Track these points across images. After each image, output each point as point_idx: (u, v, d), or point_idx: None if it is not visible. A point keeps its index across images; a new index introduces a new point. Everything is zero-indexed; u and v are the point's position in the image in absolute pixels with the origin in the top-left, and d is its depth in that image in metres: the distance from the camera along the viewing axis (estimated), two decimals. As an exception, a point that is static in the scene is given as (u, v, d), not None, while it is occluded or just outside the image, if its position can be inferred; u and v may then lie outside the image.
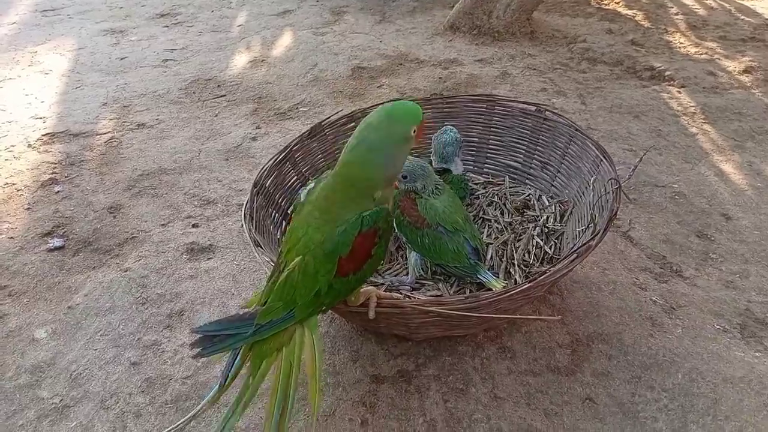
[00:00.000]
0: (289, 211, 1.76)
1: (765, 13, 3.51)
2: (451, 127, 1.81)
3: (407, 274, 1.62)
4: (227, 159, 2.34)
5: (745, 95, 2.68)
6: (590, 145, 1.66)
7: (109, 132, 2.52)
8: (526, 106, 1.91)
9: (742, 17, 3.49)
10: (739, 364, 1.43)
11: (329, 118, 1.91)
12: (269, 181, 1.69)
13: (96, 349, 1.53)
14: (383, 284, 1.60)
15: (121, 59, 3.21)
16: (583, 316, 1.59)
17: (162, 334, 1.57)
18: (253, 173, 2.23)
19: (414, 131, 1.13)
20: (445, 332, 1.44)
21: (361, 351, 1.48)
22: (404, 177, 1.59)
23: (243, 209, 1.53)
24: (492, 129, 1.98)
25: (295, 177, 1.82)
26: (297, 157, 1.83)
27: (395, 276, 1.65)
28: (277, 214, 1.71)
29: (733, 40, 3.21)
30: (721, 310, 1.61)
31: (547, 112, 1.84)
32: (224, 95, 2.84)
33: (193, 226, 1.98)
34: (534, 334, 1.52)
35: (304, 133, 1.85)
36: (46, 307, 1.67)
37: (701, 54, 3.06)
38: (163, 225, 1.98)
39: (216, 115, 2.67)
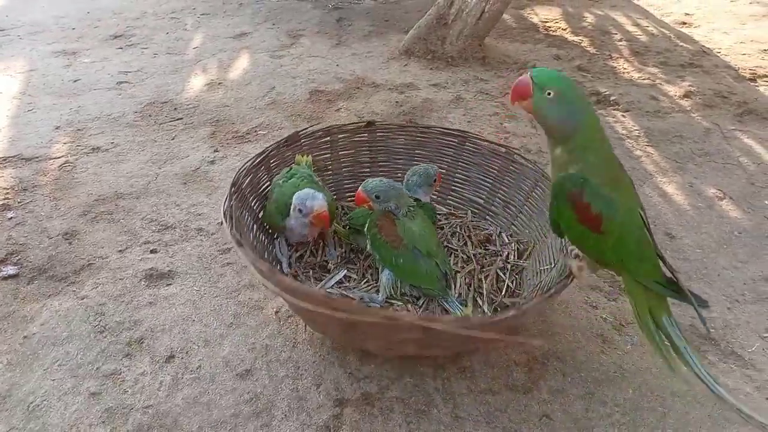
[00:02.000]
0: (260, 216, 1.80)
1: (702, 40, 3.72)
2: (434, 166, 1.88)
3: (378, 292, 1.65)
4: (185, 183, 2.33)
5: (686, 119, 2.83)
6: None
7: (63, 156, 2.48)
8: (496, 146, 1.98)
9: (681, 44, 3.68)
10: (684, 378, 1.51)
11: (306, 129, 1.97)
12: (245, 182, 1.72)
13: (54, 380, 1.50)
14: (354, 299, 1.63)
15: (74, 81, 3.16)
16: (538, 334, 1.65)
17: (121, 363, 1.55)
18: (211, 197, 2.23)
19: None
20: (419, 351, 1.46)
21: (324, 375, 1.50)
22: (377, 197, 1.64)
23: (222, 208, 1.52)
24: (460, 163, 2.05)
25: (268, 182, 1.86)
26: (272, 163, 1.87)
27: (366, 292, 1.68)
28: (249, 217, 1.73)
29: (673, 65, 3.38)
30: (666, 326, 1.69)
31: (516, 156, 1.91)
32: (181, 118, 2.83)
33: (152, 251, 1.97)
34: (492, 353, 1.57)
35: (281, 140, 1.90)
36: (1, 337, 1.63)
37: (644, 79, 3.22)
38: (120, 251, 1.96)
39: (173, 139, 2.66)
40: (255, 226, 1.77)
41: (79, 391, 1.47)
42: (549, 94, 1.23)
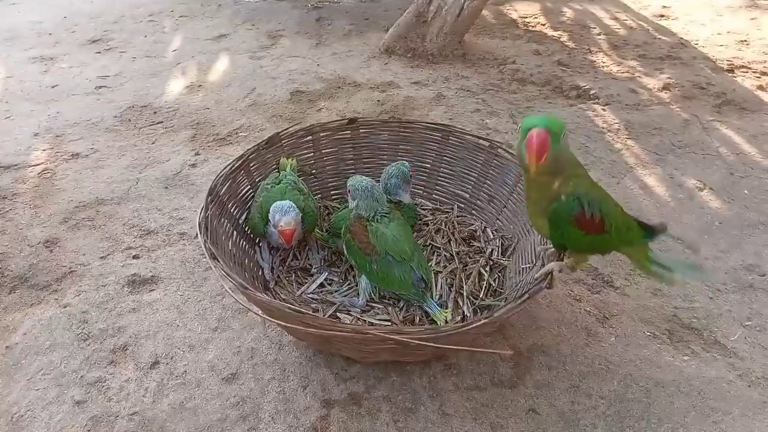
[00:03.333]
0: (241, 221, 1.78)
1: (680, 32, 3.75)
2: (405, 162, 1.86)
3: (358, 295, 1.65)
4: (167, 187, 2.31)
5: (665, 111, 2.85)
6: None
7: (42, 163, 2.45)
8: (479, 140, 1.98)
9: (659, 36, 3.71)
10: (669, 369, 1.53)
11: (287, 129, 1.95)
12: (223, 189, 1.70)
13: (38, 389, 1.49)
14: (334, 304, 1.63)
15: (52, 87, 3.12)
16: (523, 329, 1.66)
17: (106, 371, 1.54)
18: (194, 201, 2.22)
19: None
20: (396, 358, 1.47)
21: (310, 376, 1.50)
22: (349, 192, 1.64)
23: (197, 218, 1.51)
24: (444, 158, 2.04)
25: (248, 186, 1.84)
26: (252, 167, 1.85)
27: (346, 297, 1.67)
28: (228, 224, 1.71)
29: (652, 58, 3.41)
30: (650, 318, 1.71)
31: (499, 150, 1.90)
32: (161, 122, 2.81)
33: (134, 257, 1.95)
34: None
35: (261, 142, 1.88)
36: (-19, 349, 1.62)
37: (623, 72, 3.24)
38: (102, 258, 1.95)
39: (153, 143, 2.64)
40: (235, 233, 1.75)
41: (64, 400, 1.46)
42: (564, 140, 1.22)
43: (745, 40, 3.62)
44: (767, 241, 2.02)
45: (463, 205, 2.04)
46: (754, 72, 3.23)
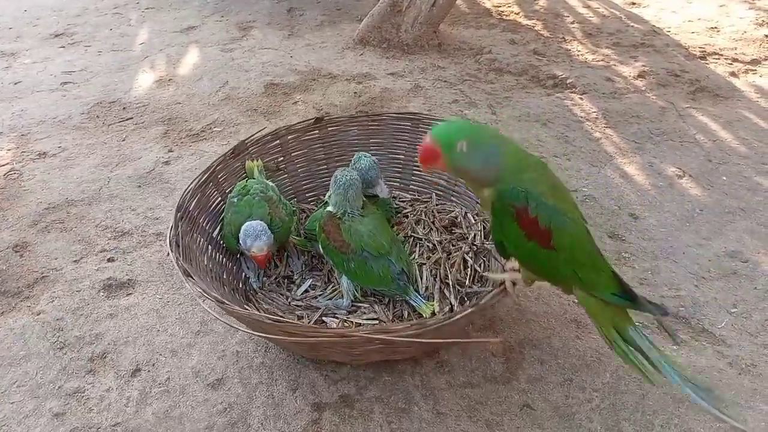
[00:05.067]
0: (215, 235, 1.71)
1: (652, 20, 3.77)
2: (365, 154, 1.80)
3: (342, 297, 1.60)
4: (140, 186, 2.24)
5: (641, 99, 2.86)
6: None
7: (7, 163, 2.35)
8: None
9: (632, 24, 3.73)
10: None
11: (253, 136, 1.88)
12: (192, 203, 1.63)
13: (13, 402, 1.42)
14: (319, 309, 1.58)
15: (15, 84, 3.00)
16: (512, 323, 1.64)
17: (85, 380, 1.48)
18: (168, 199, 2.15)
19: None
20: (386, 357, 1.44)
21: (299, 379, 1.46)
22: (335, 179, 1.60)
23: (167, 236, 1.46)
24: (417, 146, 1.99)
25: (219, 198, 1.78)
26: (220, 178, 1.78)
27: (330, 300, 1.63)
28: (202, 239, 1.65)
29: (626, 46, 3.42)
30: (638, 307, 1.70)
31: None
32: (131, 118, 2.72)
33: (109, 260, 1.88)
34: (469, 344, 1.55)
35: (227, 152, 1.81)
36: (-50, 361, 1.54)
37: (598, 61, 3.24)
38: (75, 261, 1.87)
39: (123, 140, 2.55)
40: (210, 247, 1.68)
41: (42, 413, 1.40)
42: (460, 148, 1.16)
43: (716, 27, 3.65)
44: (747, 228, 2.03)
45: (441, 193, 2.01)
46: (726, 59, 3.26)
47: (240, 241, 1.58)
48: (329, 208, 1.59)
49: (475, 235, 1.81)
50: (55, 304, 1.71)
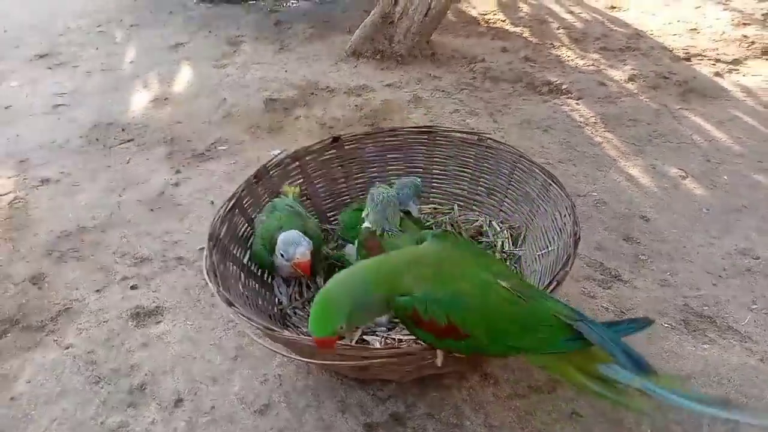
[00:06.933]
0: (246, 261, 1.70)
1: (634, 23, 3.86)
2: (415, 177, 1.86)
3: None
4: (152, 209, 2.21)
5: (635, 102, 2.93)
6: (536, 170, 1.75)
7: (10, 192, 2.30)
8: (466, 135, 1.98)
9: (616, 28, 3.81)
10: (694, 359, 1.56)
11: (272, 160, 1.88)
12: (222, 231, 1.63)
13: (56, 443, 1.39)
14: (359, 328, 1.59)
15: (6, 108, 2.93)
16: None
17: (127, 414, 1.46)
18: (184, 222, 2.13)
19: None
20: (438, 370, 1.44)
21: (347, 400, 1.46)
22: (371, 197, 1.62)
23: (204, 266, 1.45)
24: (435, 159, 2.03)
25: (246, 225, 1.77)
26: (245, 203, 1.78)
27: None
28: (234, 266, 1.64)
29: (613, 50, 3.50)
30: (664, 309, 1.75)
31: (488, 140, 1.90)
32: (132, 140, 2.68)
33: (132, 288, 1.85)
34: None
35: (250, 177, 1.81)
36: (-17, 402, 1.50)
37: (588, 66, 3.31)
38: (97, 291, 1.84)
39: (127, 162, 2.52)
40: (242, 274, 1.67)
41: (88, 451, 1.37)
42: (341, 327, 1.14)
43: (695, 29, 3.75)
44: (754, 225, 2.09)
45: (462, 203, 2.04)
46: (709, 59, 3.35)
47: (279, 252, 1.57)
48: (366, 224, 1.60)
49: (503, 242, 1.84)
50: (83, 337, 1.68)
